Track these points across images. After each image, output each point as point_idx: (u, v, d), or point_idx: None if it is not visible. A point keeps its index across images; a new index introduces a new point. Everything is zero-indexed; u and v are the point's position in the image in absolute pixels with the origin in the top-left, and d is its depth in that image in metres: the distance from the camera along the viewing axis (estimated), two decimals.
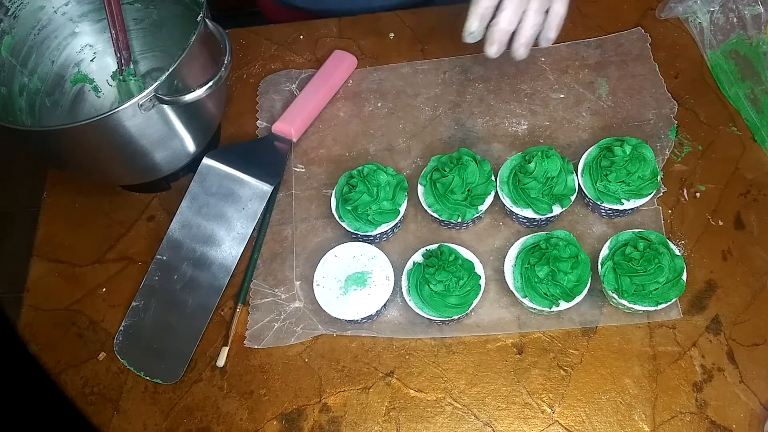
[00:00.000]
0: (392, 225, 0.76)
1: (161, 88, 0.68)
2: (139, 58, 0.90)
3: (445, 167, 0.74)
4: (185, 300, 0.77)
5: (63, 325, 0.79)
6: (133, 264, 0.82)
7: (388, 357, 0.73)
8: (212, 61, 0.74)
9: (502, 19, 0.74)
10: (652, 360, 0.70)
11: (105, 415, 0.73)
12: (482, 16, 0.75)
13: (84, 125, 0.68)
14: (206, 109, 0.80)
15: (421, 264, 0.71)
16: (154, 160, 0.78)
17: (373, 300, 0.72)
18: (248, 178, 0.80)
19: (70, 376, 0.76)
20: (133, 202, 0.86)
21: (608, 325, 0.72)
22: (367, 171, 0.74)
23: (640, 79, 0.85)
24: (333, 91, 0.89)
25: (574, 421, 0.68)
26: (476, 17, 0.75)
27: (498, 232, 0.78)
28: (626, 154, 0.72)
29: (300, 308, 0.76)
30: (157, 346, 0.76)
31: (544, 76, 0.87)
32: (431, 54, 0.91)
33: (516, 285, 0.71)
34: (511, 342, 0.72)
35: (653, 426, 0.67)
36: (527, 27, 0.75)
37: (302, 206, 0.82)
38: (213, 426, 0.72)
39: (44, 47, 0.85)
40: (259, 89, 0.91)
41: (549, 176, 0.72)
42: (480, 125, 0.85)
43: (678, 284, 0.68)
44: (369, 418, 0.71)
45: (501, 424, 0.69)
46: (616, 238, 0.71)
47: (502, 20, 0.74)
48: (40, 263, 0.83)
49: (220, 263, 0.78)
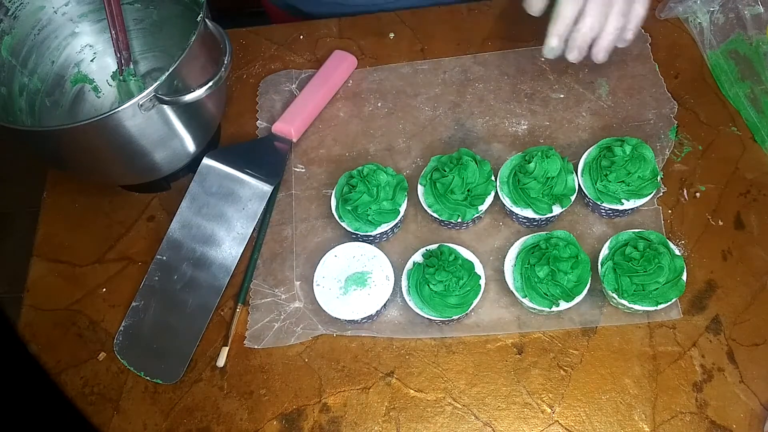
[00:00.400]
0: (392, 225, 0.76)
1: (161, 88, 0.68)
2: (139, 58, 0.90)
3: (445, 167, 0.74)
4: (185, 300, 0.77)
5: (63, 325, 0.79)
6: (133, 264, 0.82)
7: (388, 357, 0.73)
8: (212, 61, 0.74)
9: (585, 26, 0.74)
10: (652, 360, 0.70)
11: (105, 415, 0.73)
12: (563, 34, 0.76)
13: (84, 125, 0.68)
14: (206, 109, 0.80)
15: (421, 264, 0.71)
16: (154, 160, 0.78)
17: (373, 300, 0.72)
18: (248, 178, 0.80)
19: (70, 376, 0.76)
20: (133, 202, 0.86)
21: (608, 325, 0.72)
22: (367, 171, 0.74)
23: (640, 79, 0.85)
24: (333, 91, 0.89)
25: (574, 421, 0.68)
26: (557, 35, 0.76)
27: (498, 232, 0.78)
28: (626, 154, 0.72)
29: (300, 308, 0.76)
30: (157, 346, 0.76)
31: (544, 76, 0.87)
32: (431, 54, 0.91)
33: (516, 285, 0.71)
34: (511, 342, 0.73)
35: (653, 426, 0.67)
36: (609, 31, 0.75)
37: (302, 206, 0.82)
38: (213, 426, 0.72)
39: (44, 47, 0.85)
40: (259, 89, 0.91)
41: (549, 176, 0.72)
42: (480, 125, 0.85)
43: (678, 284, 0.68)
44: (369, 418, 0.71)
45: (501, 424, 0.69)
46: (616, 238, 0.71)
47: (584, 27, 0.74)
48: (40, 263, 0.83)
49: (220, 263, 0.78)
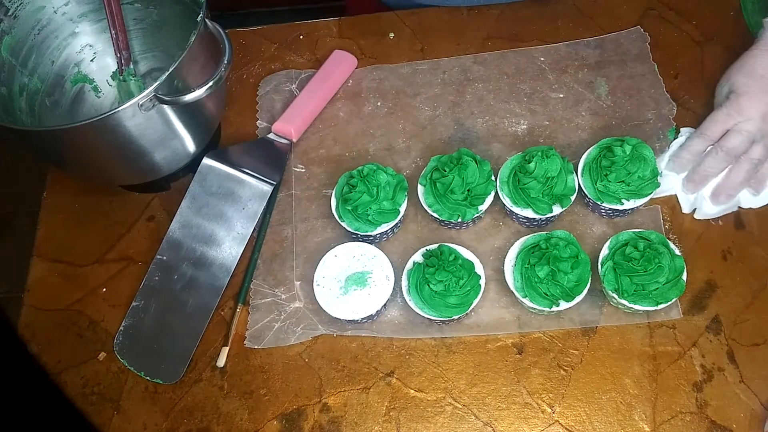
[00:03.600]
0: (392, 225, 0.76)
1: (161, 88, 0.68)
2: (139, 58, 0.90)
3: (445, 167, 0.74)
4: (185, 300, 0.77)
5: (63, 325, 0.79)
6: (133, 264, 0.82)
7: (388, 357, 0.73)
8: (212, 61, 0.74)
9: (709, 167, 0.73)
10: (652, 360, 0.70)
11: (105, 415, 0.73)
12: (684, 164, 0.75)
13: (84, 125, 0.68)
14: (206, 109, 0.80)
15: (421, 264, 0.71)
16: (154, 160, 0.78)
17: (373, 300, 0.72)
18: (248, 178, 0.80)
19: (70, 376, 0.76)
20: (133, 202, 0.86)
21: (608, 325, 0.72)
22: (367, 171, 0.74)
23: (640, 79, 0.85)
24: (333, 91, 0.89)
25: (575, 421, 0.68)
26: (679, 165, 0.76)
27: (498, 232, 0.78)
28: (626, 154, 0.72)
29: (300, 308, 0.76)
30: (157, 346, 0.76)
31: (544, 75, 0.87)
32: (431, 54, 0.91)
33: (516, 285, 0.71)
34: (511, 342, 0.73)
35: (653, 426, 0.67)
36: (737, 181, 0.73)
37: (302, 206, 0.82)
38: (213, 426, 0.72)
39: (44, 47, 0.85)
40: (259, 89, 0.91)
41: (549, 176, 0.72)
42: (480, 125, 0.85)
43: (678, 284, 0.68)
44: (369, 418, 0.71)
45: (501, 424, 0.69)
46: (616, 238, 0.71)
47: (708, 167, 0.73)
48: (40, 263, 0.83)
49: (220, 263, 0.78)
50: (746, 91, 0.72)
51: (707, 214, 0.75)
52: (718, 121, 0.73)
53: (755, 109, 0.71)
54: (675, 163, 0.76)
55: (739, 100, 0.72)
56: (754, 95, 0.72)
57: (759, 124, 0.71)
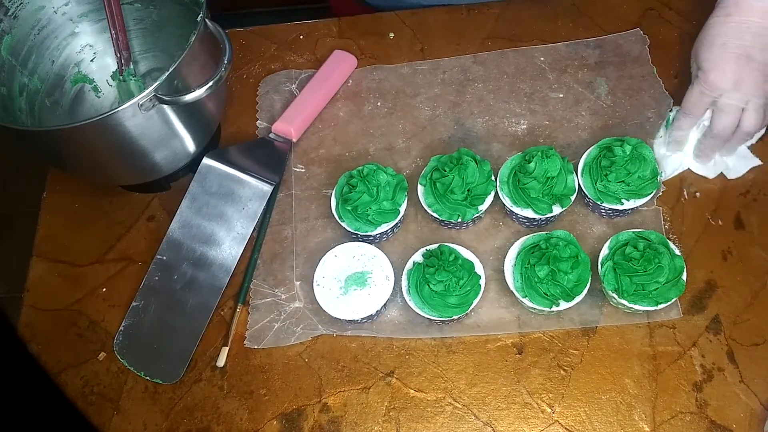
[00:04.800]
0: (392, 225, 0.76)
1: (161, 88, 0.68)
2: (139, 58, 0.90)
3: (445, 167, 0.74)
4: (185, 300, 0.77)
5: (63, 325, 0.79)
6: (133, 264, 0.82)
7: (388, 357, 0.73)
8: (212, 61, 0.74)
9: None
10: (652, 360, 0.70)
11: (105, 415, 0.73)
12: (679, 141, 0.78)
13: (84, 125, 0.68)
14: (206, 109, 0.80)
15: (421, 264, 0.71)
16: (154, 160, 0.78)
17: (373, 300, 0.72)
18: (248, 178, 0.80)
19: (70, 376, 0.76)
20: (133, 202, 0.86)
21: (608, 325, 0.72)
22: (367, 171, 0.74)
23: (639, 80, 0.85)
24: (333, 91, 0.89)
25: (574, 421, 0.68)
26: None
27: (498, 232, 0.78)
28: (626, 154, 0.72)
29: (300, 308, 0.76)
30: (157, 346, 0.76)
31: (544, 75, 0.87)
32: (431, 54, 0.91)
33: (516, 285, 0.71)
34: (511, 342, 0.73)
35: (653, 426, 0.67)
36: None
37: (302, 206, 0.82)
38: (213, 426, 0.72)
39: (44, 47, 0.85)
40: (259, 89, 0.91)
41: (549, 176, 0.72)
42: (479, 125, 0.85)
43: (678, 284, 0.68)
44: (369, 418, 0.71)
45: (501, 423, 0.69)
46: (616, 238, 0.71)
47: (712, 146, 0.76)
48: (40, 263, 0.83)
49: (220, 263, 0.78)
50: (710, 67, 0.73)
51: (738, 171, 0.78)
52: (695, 99, 0.75)
53: (724, 82, 0.73)
54: (671, 145, 0.79)
55: (707, 76, 0.74)
56: (719, 69, 0.73)
57: (736, 94, 0.72)
